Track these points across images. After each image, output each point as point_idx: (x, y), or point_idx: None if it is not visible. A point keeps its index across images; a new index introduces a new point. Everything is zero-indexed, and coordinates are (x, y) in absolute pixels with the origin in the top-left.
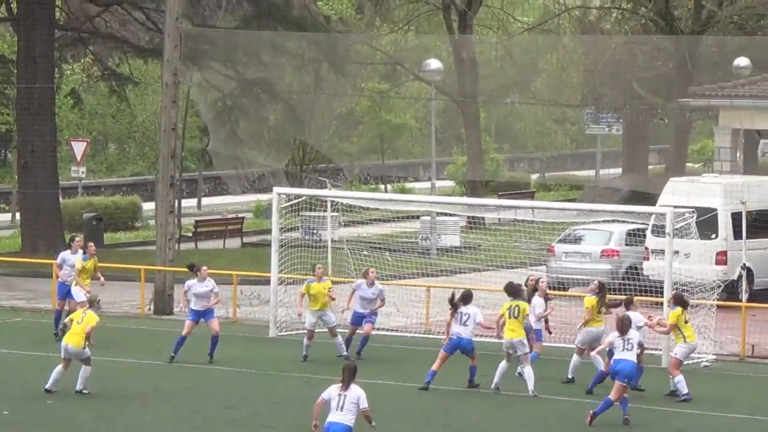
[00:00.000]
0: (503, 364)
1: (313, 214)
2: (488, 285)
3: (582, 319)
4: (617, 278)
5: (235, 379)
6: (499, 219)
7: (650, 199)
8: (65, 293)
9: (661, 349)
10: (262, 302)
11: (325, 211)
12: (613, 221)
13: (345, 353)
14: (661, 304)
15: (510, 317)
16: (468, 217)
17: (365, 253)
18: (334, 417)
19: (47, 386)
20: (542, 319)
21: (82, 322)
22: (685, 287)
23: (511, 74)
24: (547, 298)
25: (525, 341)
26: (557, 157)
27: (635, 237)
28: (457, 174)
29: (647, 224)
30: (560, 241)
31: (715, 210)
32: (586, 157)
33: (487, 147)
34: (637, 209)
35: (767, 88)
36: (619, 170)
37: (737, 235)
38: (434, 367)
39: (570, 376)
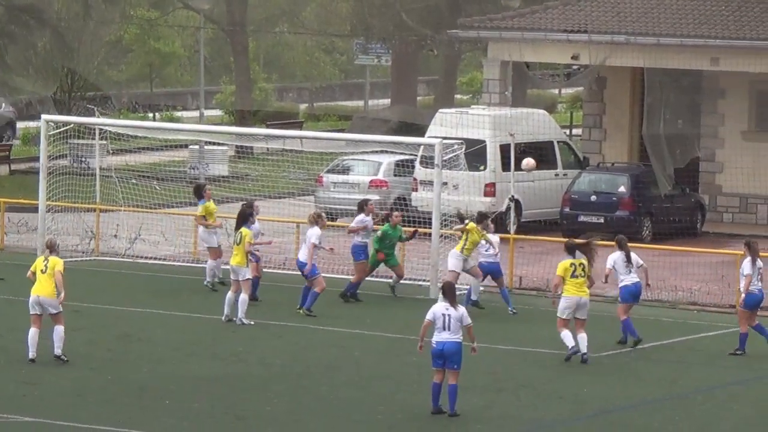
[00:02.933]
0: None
1: (81, 141)
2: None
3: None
4: (385, 209)
5: None
6: (268, 149)
7: (419, 130)
8: None
9: (429, 281)
10: (29, 230)
11: (93, 138)
12: (382, 152)
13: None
14: (430, 235)
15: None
16: (236, 146)
17: (133, 181)
18: (443, 336)
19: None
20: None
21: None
22: (453, 218)
23: (281, 3)
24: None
25: (242, 269)
26: (326, 88)
27: (404, 168)
28: (225, 103)
29: (416, 155)
30: (329, 171)
31: (484, 142)
32: (355, 87)
33: (255, 76)
34: (405, 140)
35: (536, 21)
36: (388, 101)
37: (506, 167)
38: None
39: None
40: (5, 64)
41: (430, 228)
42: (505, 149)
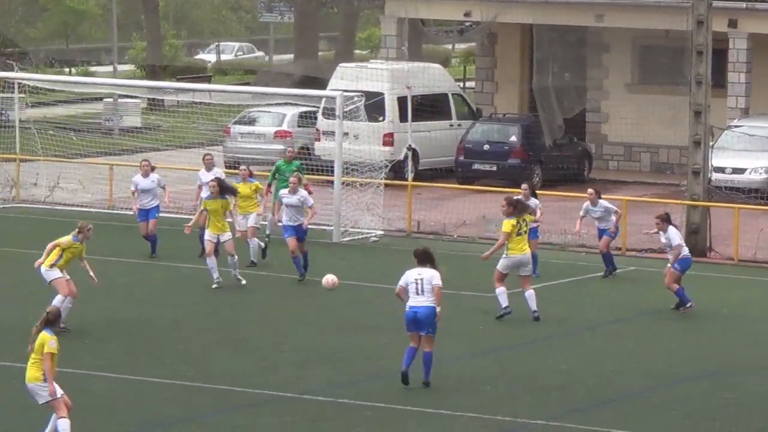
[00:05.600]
0: None
1: (1, 95)
2: (169, 164)
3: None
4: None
5: None
6: (178, 101)
7: (321, 83)
8: None
9: (332, 225)
10: None
11: (12, 92)
12: (286, 104)
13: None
14: (332, 182)
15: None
16: (148, 99)
17: (51, 132)
18: (415, 301)
19: None
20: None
21: None
22: (355, 167)
23: None
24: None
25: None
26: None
27: (307, 119)
28: (137, 58)
29: (318, 107)
30: (236, 122)
31: (382, 94)
32: (261, 43)
33: (165, 33)
34: (308, 93)
35: None
36: (292, 56)
37: (403, 118)
38: None
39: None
40: None
41: (333, 176)
42: (402, 101)
